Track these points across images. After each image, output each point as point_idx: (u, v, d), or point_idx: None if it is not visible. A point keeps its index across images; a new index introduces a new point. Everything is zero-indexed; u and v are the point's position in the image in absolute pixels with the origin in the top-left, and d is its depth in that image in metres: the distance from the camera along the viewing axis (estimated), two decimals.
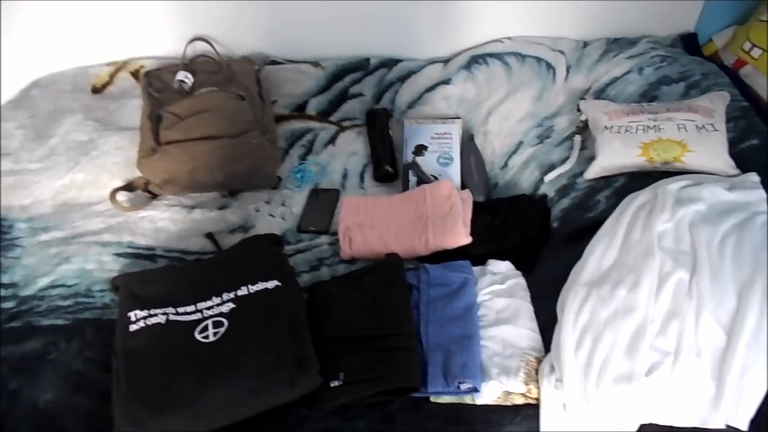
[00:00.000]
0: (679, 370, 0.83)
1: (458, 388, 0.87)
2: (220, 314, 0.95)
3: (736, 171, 1.07)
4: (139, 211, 1.22)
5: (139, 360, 0.89)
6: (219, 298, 0.98)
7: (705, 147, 1.07)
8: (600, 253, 0.97)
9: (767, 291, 0.85)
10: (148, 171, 1.21)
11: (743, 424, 0.81)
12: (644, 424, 0.83)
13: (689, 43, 1.45)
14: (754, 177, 1.03)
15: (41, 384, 0.91)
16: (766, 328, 0.83)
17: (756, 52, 1.35)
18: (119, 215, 1.21)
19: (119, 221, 1.19)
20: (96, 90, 1.46)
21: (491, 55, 1.46)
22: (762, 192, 1.00)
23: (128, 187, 1.24)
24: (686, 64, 1.31)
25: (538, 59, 1.43)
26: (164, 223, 1.21)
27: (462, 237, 1.10)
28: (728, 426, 0.81)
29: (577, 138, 1.23)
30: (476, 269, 1.06)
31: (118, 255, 1.13)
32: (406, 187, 1.27)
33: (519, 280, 1.03)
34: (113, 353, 0.92)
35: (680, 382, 0.83)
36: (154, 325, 0.94)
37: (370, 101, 1.45)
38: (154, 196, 1.26)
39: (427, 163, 1.30)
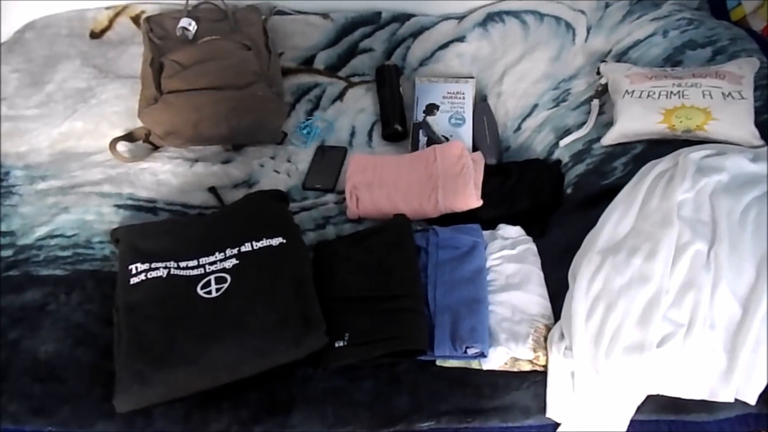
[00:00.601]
0: (691, 342, 0.82)
1: (465, 352, 0.85)
2: (223, 270, 0.93)
3: (760, 142, 1.03)
4: (140, 163, 1.18)
5: (141, 314, 0.87)
6: (222, 254, 0.95)
7: (730, 115, 1.03)
8: (616, 220, 0.94)
9: None
10: (150, 121, 1.16)
11: (752, 398, 0.80)
12: (651, 395, 0.82)
13: (716, 6, 1.38)
14: None
15: (41, 335, 0.89)
16: None
17: None
18: (119, 166, 1.17)
19: (119, 172, 1.16)
20: (94, 35, 1.40)
21: (508, 12, 1.40)
22: None
23: (129, 137, 1.20)
24: (713, 28, 1.25)
25: (557, 18, 1.37)
26: (166, 175, 1.17)
27: (473, 199, 1.07)
28: (737, 400, 0.80)
29: (596, 102, 1.18)
30: (486, 233, 1.04)
31: (119, 207, 1.10)
32: (415, 147, 1.23)
33: (530, 246, 1.01)
34: (114, 307, 0.90)
35: (692, 354, 0.82)
36: (155, 278, 0.91)
37: (381, 57, 1.40)
38: (156, 148, 1.22)
39: (438, 123, 1.26)
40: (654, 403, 0.83)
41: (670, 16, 1.30)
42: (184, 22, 1.28)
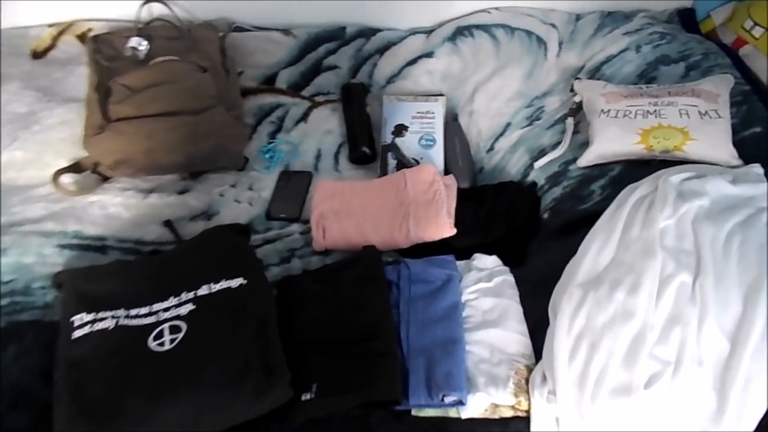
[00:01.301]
0: (679, 381, 0.77)
1: (442, 400, 0.79)
2: (178, 317, 0.85)
3: (738, 161, 1.00)
4: (88, 196, 1.09)
5: (85, 371, 0.78)
6: (177, 299, 0.87)
7: (708, 135, 1.00)
8: (596, 251, 0.89)
9: None
10: (96, 151, 1.07)
11: None
12: None
13: (686, 18, 1.36)
14: (757, 169, 0.97)
15: None
16: None
17: (758, 31, 1.27)
18: (64, 200, 1.07)
19: (64, 207, 1.06)
20: (37, 55, 1.30)
21: (478, 26, 1.35)
22: (766, 185, 0.93)
23: (75, 167, 1.11)
24: (686, 43, 1.23)
25: (528, 33, 1.33)
26: (116, 209, 1.08)
27: (446, 228, 1.02)
28: None
29: (570, 121, 1.14)
30: (460, 264, 0.98)
31: (63, 246, 1.00)
32: (384, 170, 1.17)
33: (507, 278, 0.96)
34: (55, 363, 0.81)
35: (680, 393, 0.77)
36: (101, 330, 0.83)
37: (346, 75, 1.33)
38: (105, 179, 1.13)
39: (408, 144, 1.20)
40: None
41: (642, 30, 1.27)
42: (134, 41, 1.19)
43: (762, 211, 0.89)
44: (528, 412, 0.80)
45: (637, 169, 1.01)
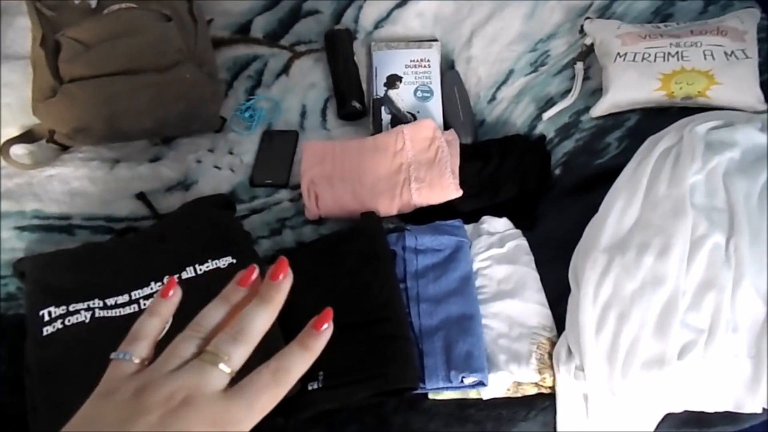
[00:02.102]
0: (713, 349, 0.72)
1: (462, 382, 0.73)
2: None
3: (764, 106, 0.93)
4: (46, 169, 0.96)
5: (60, 375, 0.69)
6: (159, 284, 0.78)
7: (734, 78, 0.91)
8: (619, 211, 0.82)
9: None
10: (50, 118, 0.93)
11: None
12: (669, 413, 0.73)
13: None
14: None
15: None
16: None
17: None
18: (18, 175, 0.95)
19: (18, 183, 0.94)
20: None
21: None
22: None
23: (27, 137, 0.97)
24: None
25: None
26: (81, 183, 0.96)
27: (451, 190, 0.93)
28: (765, 409, 0.72)
29: (579, 65, 1.04)
30: (468, 228, 0.90)
31: (21, 229, 0.89)
32: (378, 126, 1.06)
33: (520, 242, 0.88)
34: (24, 366, 0.71)
35: (714, 362, 0.72)
36: (75, 324, 0.73)
37: (329, 20, 1.20)
38: (65, 148, 1.00)
39: (403, 97, 1.09)
40: (673, 418, 0.74)
41: None
42: None
43: None
44: (553, 389, 0.75)
45: (656, 118, 0.93)
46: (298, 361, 0.36)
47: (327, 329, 0.37)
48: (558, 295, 0.82)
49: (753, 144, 0.83)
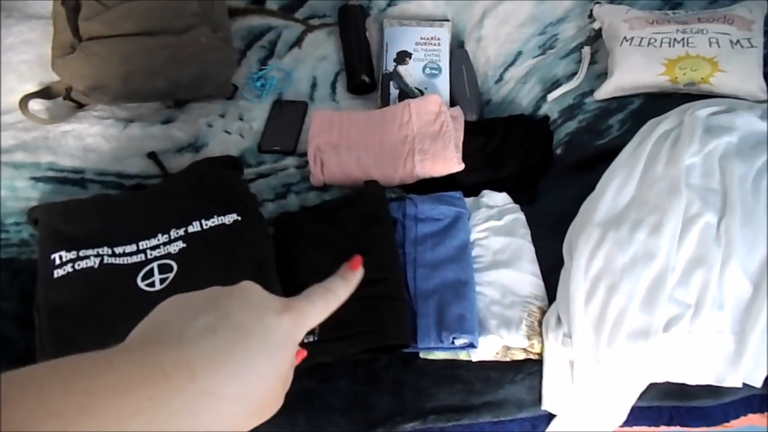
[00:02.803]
0: (699, 324, 0.74)
1: (453, 343, 0.76)
2: (168, 255, 0.79)
3: (766, 95, 0.94)
4: (61, 124, 0.99)
5: (68, 315, 0.72)
6: (166, 236, 0.81)
7: (738, 66, 0.93)
8: (616, 188, 0.84)
9: None
10: (68, 74, 0.96)
11: (759, 381, 0.74)
12: (652, 384, 0.76)
13: None
14: None
15: None
16: None
17: None
18: (35, 129, 0.98)
19: (35, 137, 0.97)
20: None
21: None
22: None
23: (45, 93, 1.00)
24: None
25: None
26: (94, 139, 0.99)
27: (453, 163, 0.95)
28: (744, 384, 0.74)
29: (587, 49, 1.06)
30: (468, 201, 0.92)
31: (36, 179, 0.92)
32: (386, 100, 1.09)
33: (518, 216, 0.90)
34: (34, 305, 0.75)
35: (699, 337, 0.74)
36: (85, 269, 0.76)
37: None
38: (81, 106, 1.03)
39: (411, 73, 1.11)
40: (656, 389, 0.76)
41: None
42: None
43: None
44: (541, 355, 0.77)
45: (658, 102, 0.95)
46: (342, 288, 0.39)
47: (360, 270, 0.40)
48: (552, 267, 0.83)
49: (752, 130, 0.85)
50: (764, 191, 0.79)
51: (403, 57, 1.12)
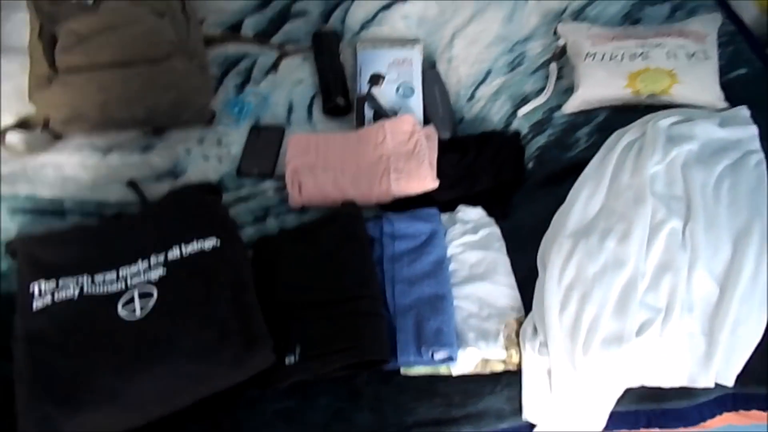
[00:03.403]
0: (669, 327, 0.77)
1: (432, 357, 0.77)
2: (148, 282, 0.79)
3: (725, 104, 0.98)
4: (40, 155, 1.00)
5: (48, 346, 0.72)
6: (146, 262, 0.82)
7: (695, 77, 0.97)
8: (585, 199, 0.87)
9: (765, 238, 0.79)
10: (45, 105, 0.98)
11: (731, 381, 0.76)
12: (629, 388, 0.77)
13: None
14: (744, 111, 0.95)
15: None
16: (762, 279, 0.77)
17: None
18: (13, 161, 0.99)
19: (13, 169, 0.97)
20: None
21: None
22: (754, 128, 0.92)
23: (23, 124, 1.01)
24: None
25: None
26: (73, 169, 1.00)
27: (428, 181, 0.97)
28: (716, 384, 0.76)
29: (554, 66, 1.09)
30: (444, 217, 0.95)
31: (15, 211, 0.92)
32: (361, 122, 1.11)
33: (493, 230, 0.93)
34: (13, 337, 0.75)
35: (670, 340, 0.77)
36: (64, 300, 0.77)
37: (317, 21, 1.25)
38: (58, 136, 1.04)
39: (385, 94, 1.13)
40: (632, 393, 0.78)
41: None
42: None
43: (750, 153, 0.88)
44: (519, 365, 0.79)
45: (623, 114, 0.98)
46: None
47: None
48: (527, 278, 0.86)
49: (711, 138, 0.88)
50: (725, 196, 0.82)
51: (376, 79, 1.15)
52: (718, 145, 0.88)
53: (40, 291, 0.77)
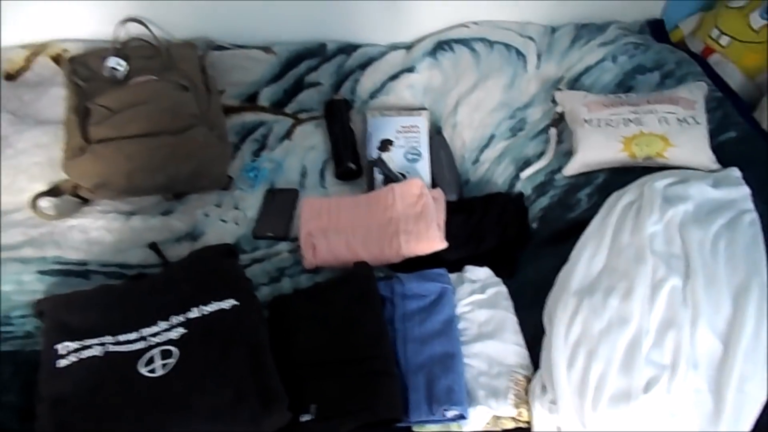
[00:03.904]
0: (676, 384, 0.78)
1: (443, 415, 0.78)
2: (169, 341, 0.82)
3: (717, 165, 1.03)
4: (68, 220, 1.06)
5: (71, 405, 0.75)
6: (166, 323, 0.85)
7: (687, 141, 1.02)
8: (588, 258, 0.90)
9: (765, 294, 0.81)
10: (76, 174, 1.04)
11: None
12: None
13: (656, 29, 1.40)
14: (735, 172, 0.99)
15: None
16: (764, 335, 0.79)
17: (724, 40, 1.32)
18: (43, 225, 1.04)
19: (43, 232, 1.03)
20: (9, 77, 1.27)
21: (457, 40, 1.37)
22: (746, 188, 0.96)
23: (53, 191, 1.07)
24: (659, 52, 1.26)
25: (507, 45, 1.35)
26: (98, 232, 1.05)
27: (437, 242, 1.01)
28: None
29: (553, 131, 1.16)
30: (452, 276, 0.98)
31: (43, 273, 0.97)
32: (371, 185, 1.17)
33: (500, 289, 0.96)
34: (36, 396, 0.77)
35: (678, 396, 0.78)
36: (88, 359, 0.80)
37: (329, 91, 1.33)
38: (85, 202, 1.10)
39: (394, 159, 1.20)
40: None
41: (616, 41, 1.30)
42: (112, 61, 1.17)
43: (744, 212, 0.92)
44: (529, 423, 0.80)
45: (621, 175, 1.03)
46: None
47: None
48: (534, 336, 0.88)
49: (705, 198, 0.93)
50: (722, 255, 0.85)
51: (385, 144, 1.21)
52: (712, 205, 0.92)
53: (64, 351, 0.80)
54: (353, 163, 1.19)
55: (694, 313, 0.81)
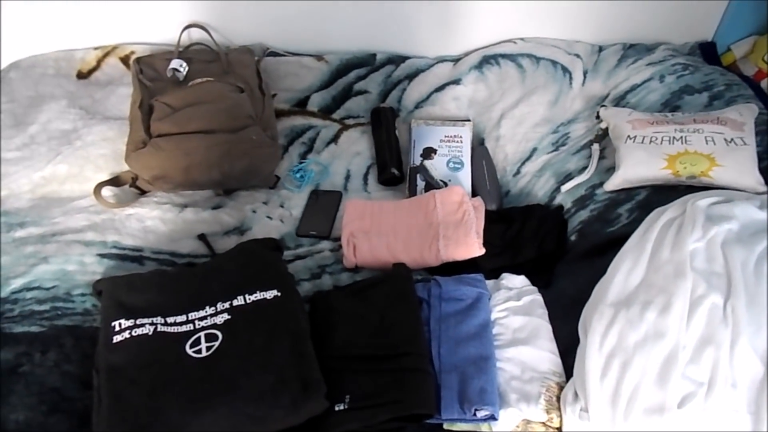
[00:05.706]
0: (713, 402, 0.77)
1: (474, 415, 0.80)
2: (214, 326, 0.87)
3: (764, 188, 1.01)
4: (126, 209, 1.13)
5: (124, 377, 0.80)
6: (213, 308, 0.90)
7: (734, 162, 1.01)
8: (626, 271, 0.90)
9: None
10: (138, 165, 1.11)
11: None
12: None
13: (707, 51, 1.40)
14: None
15: (12, 401, 0.81)
16: None
17: None
18: (104, 212, 1.11)
19: (104, 219, 1.10)
20: (81, 75, 1.36)
21: (504, 55, 1.39)
22: None
23: (115, 181, 1.15)
24: (708, 74, 1.25)
25: (554, 62, 1.37)
26: (153, 222, 1.12)
27: (475, 248, 1.04)
28: None
29: (596, 147, 1.16)
30: (489, 283, 1.00)
31: (102, 256, 1.03)
32: (413, 191, 1.20)
33: (536, 297, 0.97)
34: (94, 367, 0.83)
35: (714, 415, 0.77)
36: (140, 336, 0.85)
37: (376, 99, 1.38)
38: (143, 193, 1.17)
39: (436, 167, 1.23)
40: None
41: (665, 62, 1.30)
42: (175, 63, 1.25)
43: None
44: (559, 429, 0.80)
45: (663, 193, 1.03)
46: None
47: None
48: (568, 346, 0.89)
49: (751, 219, 0.91)
50: (765, 275, 0.84)
51: (429, 153, 1.25)
52: (758, 226, 0.91)
53: (120, 327, 0.86)
54: (397, 169, 1.23)
55: (734, 332, 0.80)
